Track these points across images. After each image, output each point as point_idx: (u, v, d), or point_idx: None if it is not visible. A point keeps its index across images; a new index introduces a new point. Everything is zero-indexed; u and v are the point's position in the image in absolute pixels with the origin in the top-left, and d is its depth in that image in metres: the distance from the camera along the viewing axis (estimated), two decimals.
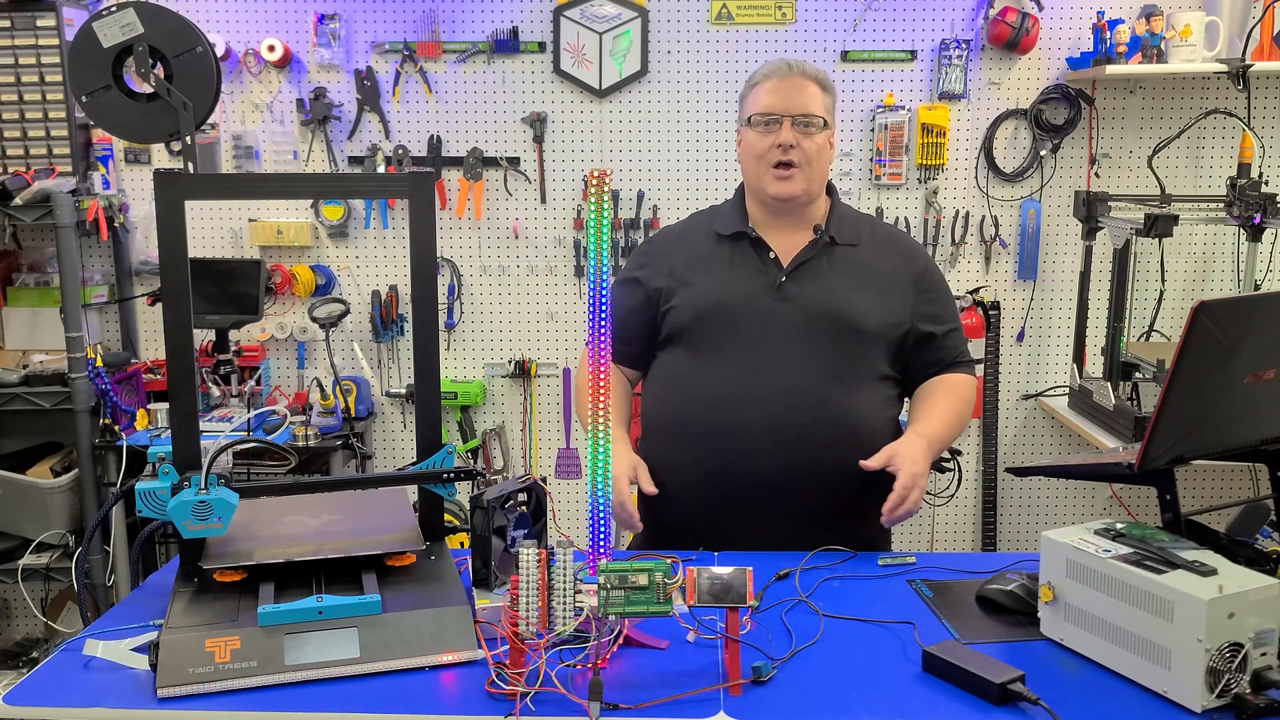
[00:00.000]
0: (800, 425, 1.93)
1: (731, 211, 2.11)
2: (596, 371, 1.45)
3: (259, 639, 1.41)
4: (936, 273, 2.13)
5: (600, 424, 1.46)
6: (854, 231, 2.08)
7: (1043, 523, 3.66)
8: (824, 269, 2.03)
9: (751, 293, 2.01)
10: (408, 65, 3.43)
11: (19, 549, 3.21)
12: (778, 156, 1.99)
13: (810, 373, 1.95)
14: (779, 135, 1.99)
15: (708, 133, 3.46)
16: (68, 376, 3.15)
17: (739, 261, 2.05)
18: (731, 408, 1.95)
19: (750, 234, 2.05)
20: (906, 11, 3.40)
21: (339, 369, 3.45)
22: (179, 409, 1.57)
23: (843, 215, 2.10)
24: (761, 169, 2.02)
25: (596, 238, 1.45)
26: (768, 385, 1.95)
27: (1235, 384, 1.51)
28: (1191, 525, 1.56)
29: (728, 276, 2.03)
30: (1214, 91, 3.41)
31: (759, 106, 2.02)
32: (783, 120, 1.99)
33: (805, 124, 2.00)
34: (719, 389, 1.97)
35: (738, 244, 2.06)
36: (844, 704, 1.35)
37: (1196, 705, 1.30)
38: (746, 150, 2.06)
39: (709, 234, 2.10)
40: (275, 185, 2.33)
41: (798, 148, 1.99)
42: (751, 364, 1.97)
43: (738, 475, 1.95)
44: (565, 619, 1.37)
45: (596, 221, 1.44)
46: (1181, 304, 3.51)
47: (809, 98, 2.01)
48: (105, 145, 3.42)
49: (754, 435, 1.94)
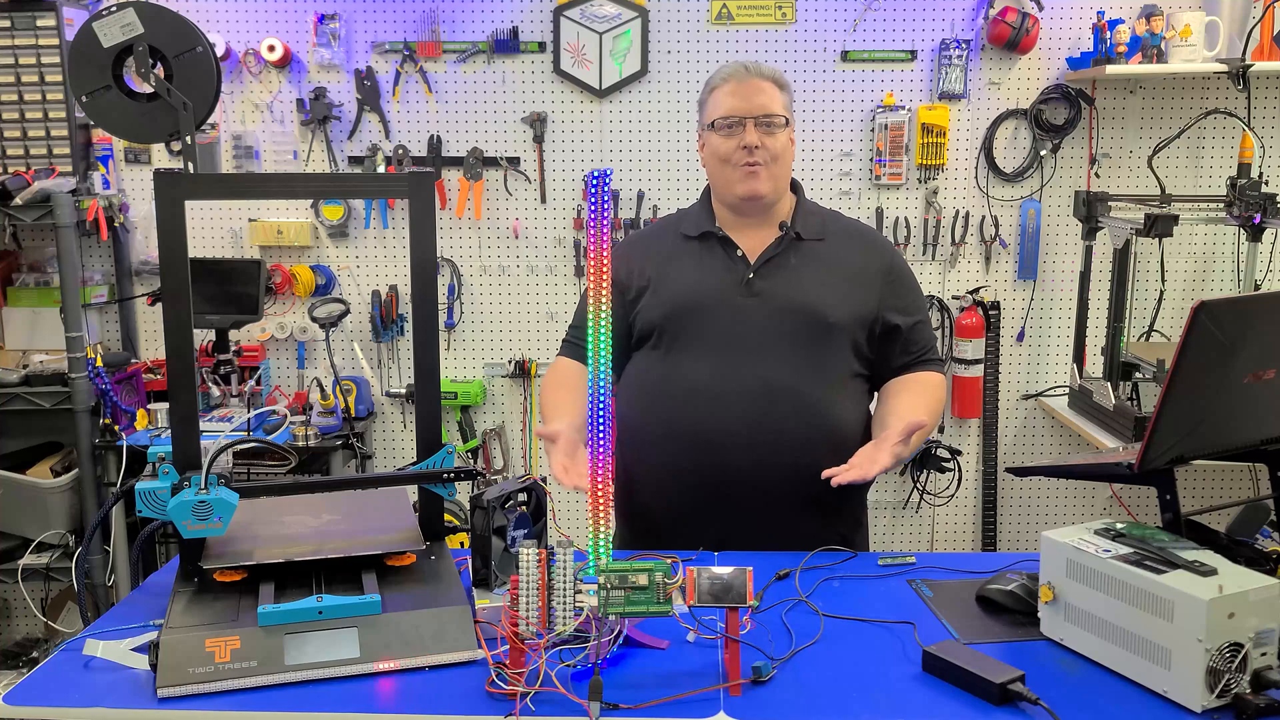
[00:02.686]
0: (772, 420, 1.95)
1: (698, 213, 2.13)
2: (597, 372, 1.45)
3: (259, 639, 1.41)
4: (904, 266, 2.15)
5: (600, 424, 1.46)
6: (820, 227, 2.10)
7: (1043, 523, 3.66)
8: (791, 264, 2.04)
9: (720, 290, 2.03)
10: (408, 65, 3.43)
11: (19, 549, 3.22)
12: (744, 158, 2.01)
13: (781, 367, 1.97)
14: (743, 137, 2.01)
15: None
16: (68, 376, 3.15)
17: (707, 260, 2.07)
18: (703, 405, 1.97)
19: (718, 233, 2.08)
20: (906, 11, 3.40)
21: (339, 369, 3.45)
22: (179, 409, 1.57)
23: (808, 211, 2.12)
24: (728, 170, 2.04)
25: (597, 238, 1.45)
26: (739, 381, 1.97)
27: (1235, 384, 1.51)
28: (1191, 525, 1.56)
29: (696, 275, 2.05)
30: (1214, 91, 3.41)
31: (721, 110, 2.04)
32: (745, 122, 2.01)
33: (767, 124, 2.02)
34: (691, 387, 1.99)
35: (705, 243, 2.09)
36: (844, 704, 1.35)
37: (1196, 705, 1.30)
38: (711, 154, 2.07)
39: (676, 236, 2.13)
40: (275, 185, 2.33)
41: (762, 148, 2.01)
42: (722, 361, 1.99)
43: (711, 472, 1.96)
44: (565, 619, 1.37)
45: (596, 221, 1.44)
46: (1181, 304, 3.51)
47: (769, 98, 2.03)
48: (105, 145, 3.42)
49: (726, 432, 1.95)
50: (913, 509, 3.60)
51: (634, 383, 2.09)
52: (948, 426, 3.60)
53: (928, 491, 3.56)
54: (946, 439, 3.57)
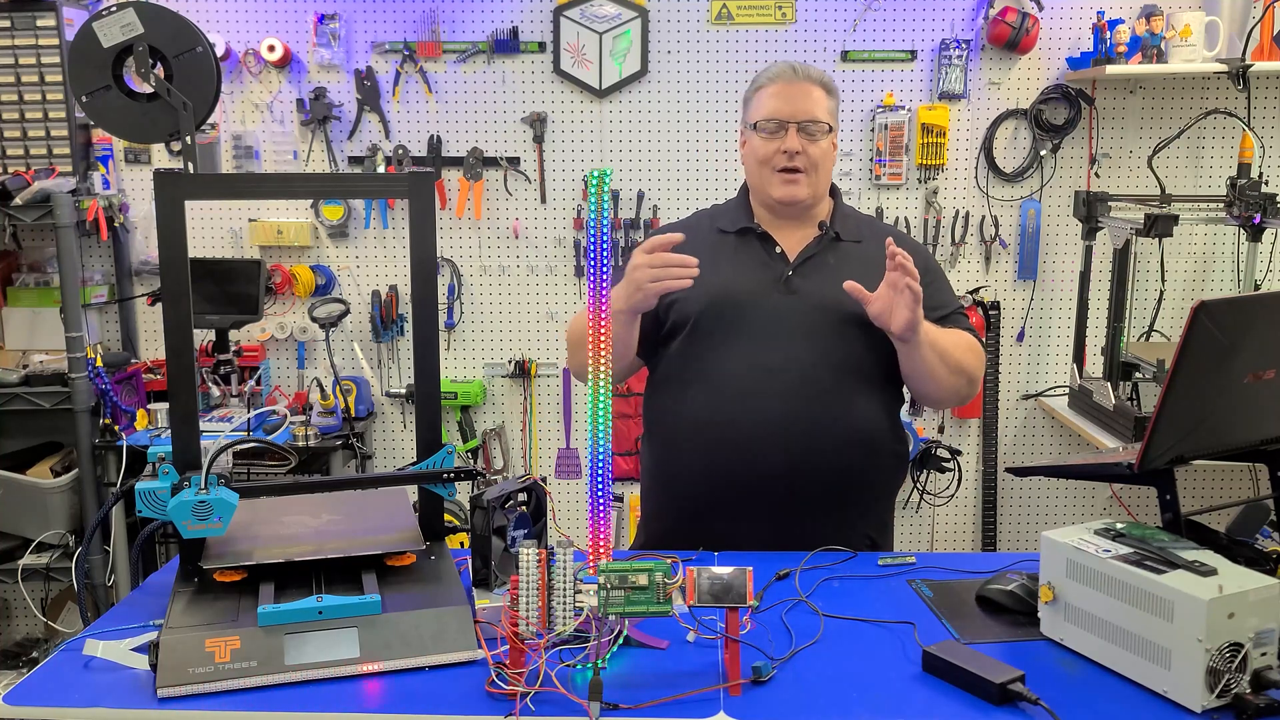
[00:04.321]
0: (805, 418, 1.93)
1: (736, 209, 2.12)
2: (597, 372, 1.45)
3: (259, 639, 1.41)
4: (938, 268, 2.15)
5: (600, 426, 1.46)
6: (857, 229, 2.10)
7: (1043, 523, 3.66)
8: (830, 263, 2.03)
9: (758, 286, 2.01)
10: (408, 65, 3.43)
11: (19, 549, 3.21)
12: (783, 163, 2.00)
13: (816, 365, 1.95)
14: (785, 142, 1.99)
15: (708, 133, 3.46)
16: (68, 376, 3.15)
17: (745, 255, 2.05)
18: (736, 401, 1.95)
19: (756, 229, 2.06)
20: (906, 11, 3.40)
21: (339, 369, 3.45)
22: (179, 409, 1.57)
23: (846, 214, 2.12)
24: (767, 174, 2.03)
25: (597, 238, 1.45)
26: (773, 378, 1.95)
27: (1235, 384, 1.51)
28: (1191, 525, 1.56)
29: (734, 269, 2.03)
30: (1214, 91, 3.41)
31: (764, 112, 2.02)
32: (788, 126, 2.00)
33: (810, 130, 2.00)
34: (724, 382, 1.97)
35: (743, 239, 2.07)
36: (844, 704, 1.35)
37: (1196, 705, 1.30)
38: (751, 154, 2.06)
39: (712, 230, 2.10)
40: (275, 185, 2.33)
41: (803, 153, 1.99)
42: (757, 356, 1.96)
43: (742, 468, 1.94)
44: (565, 619, 1.37)
45: (597, 221, 1.44)
46: (1181, 304, 3.51)
47: (814, 103, 2.01)
48: (105, 145, 3.42)
49: (759, 426, 1.93)
50: (913, 509, 3.60)
51: (665, 377, 2.06)
52: (948, 426, 3.60)
53: (928, 491, 3.56)
54: (946, 439, 3.57)
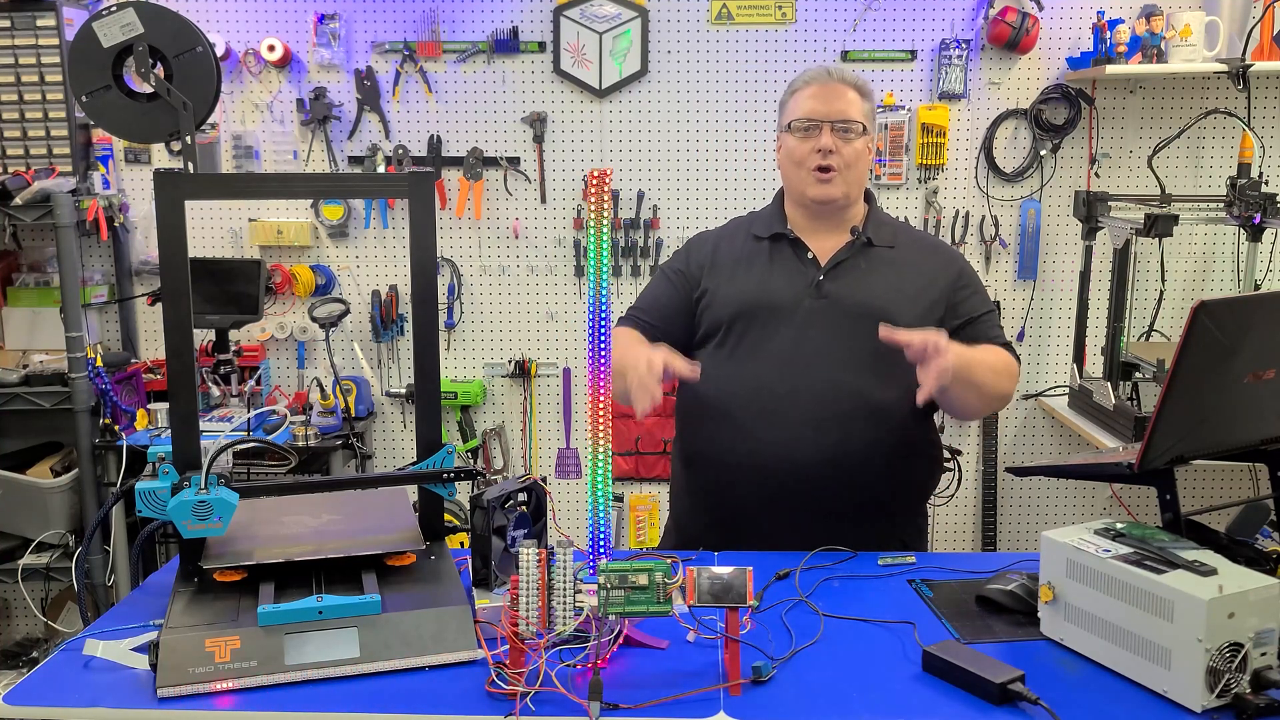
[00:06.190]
0: (838, 420, 1.94)
1: (770, 215, 2.15)
2: (596, 374, 1.45)
3: (259, 639, 1.41)
4: (972, 273, 2.15)
5: (600, 427, 1.46)
6: (890, 234, 2.11)
7: (1043, 523, 3.66)
8: (861, 268, 2.05)
9: (790, 291, 2.03)
10: (408, 65, 3.43)
11: (19, 549, 3.21)
12: (817, 161, 2.03)
13: (848, 370, 1.97)
14: (818, 141, 2.02)
15: (708, 133, 3.46)
16: (68, 376, 3.15)
17: (778, 261, 2.08)
18: (769, 403, 1.97)
19: (789, 235, 2.09)
20: (906, 11, 3.40)
21: (339, 369, 3.45)
22: (179, 409, 1.57)
23: (880, 220, 2.14)
24: (802, 173, 2.05)
25: (597, 237, 1.45)
26: (805, 381, 1.96)
27: (1235, 384, 1.52)
28: (1191, 525, 1.56)
29: (767, 275, 2.06)
30: (1214, 91, 3.41)
31: (799, 112, 2.06)
32: (822, 126, 2.03)
33: (844, 129, 2.03)
34: (757, 385, 1.98)
35: (776, 245, 2.10)
36: (844, 704, 1.36)
37: (1196, 705, 1.30)
38: (787, 155, 2.09)
39: (747, 236, 2.14)
40: (275, 185, 2.33)
41: (837, 153, 2.02)
42: (789, 361, 1.98)
43: (776, 473, 1.96)
44: (565, 619, 1.37)
45: (597, 221, 1.44)
46: (1181, 304, 3.51)
47: (848, 103, 2.04)
48: (105, 145, 3.42)
49: (792, 428, 1.95)
50: None
51: (700, 381, 2.07)
52: (948, 426, 3.60)
53: None
54: (946, 439, 3.56)
